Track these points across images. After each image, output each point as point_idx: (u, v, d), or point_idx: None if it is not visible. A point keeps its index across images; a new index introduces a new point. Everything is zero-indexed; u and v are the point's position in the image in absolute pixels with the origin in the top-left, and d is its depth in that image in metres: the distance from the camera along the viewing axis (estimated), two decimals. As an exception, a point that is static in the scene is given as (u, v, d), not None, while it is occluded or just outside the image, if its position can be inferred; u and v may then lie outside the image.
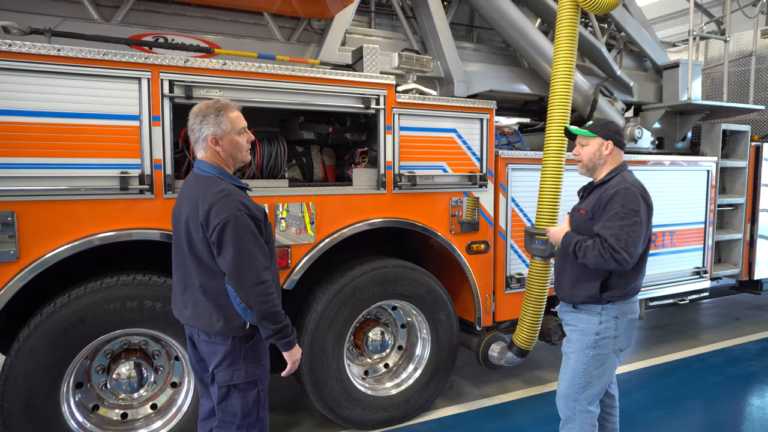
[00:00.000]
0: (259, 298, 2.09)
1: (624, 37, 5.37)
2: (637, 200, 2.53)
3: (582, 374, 2.68)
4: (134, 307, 2.82)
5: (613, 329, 2.63)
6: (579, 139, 2.78)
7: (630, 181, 2.61)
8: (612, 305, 2.63)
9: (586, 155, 2.73)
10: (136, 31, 3.48)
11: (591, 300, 2.63)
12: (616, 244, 2.44)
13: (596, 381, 2.69)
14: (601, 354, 2.65)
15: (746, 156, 5.37)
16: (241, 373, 2.23)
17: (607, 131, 2.70)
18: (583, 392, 2.69)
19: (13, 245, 2.55)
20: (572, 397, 2.71)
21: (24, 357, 2.61)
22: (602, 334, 2.64)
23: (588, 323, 2.67)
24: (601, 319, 2.63)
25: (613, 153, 2.70)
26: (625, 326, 2.66)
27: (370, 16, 4.35)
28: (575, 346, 2.71)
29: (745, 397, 4.25)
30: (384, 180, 3.46)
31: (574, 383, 2.70)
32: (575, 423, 2.72)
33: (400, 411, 3.67)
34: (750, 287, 5.84)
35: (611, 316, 2.63)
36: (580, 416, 2.70)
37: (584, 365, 2.67)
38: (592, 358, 2.65)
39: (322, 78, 3.23)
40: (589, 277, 2.62)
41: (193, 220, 2.14)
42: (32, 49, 2.52)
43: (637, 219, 2.50)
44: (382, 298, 3.55)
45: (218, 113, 2.20)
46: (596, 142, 2.70)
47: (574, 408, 2.71)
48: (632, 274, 2.62)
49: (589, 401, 2.70)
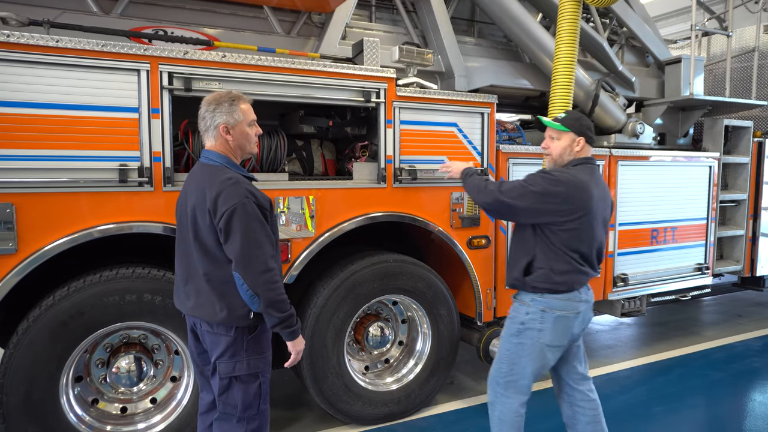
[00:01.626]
0: (266, 286, 2.09)
1: (626, 33, 5.34)
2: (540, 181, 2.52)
3: (505, 360, 2.68)
4: (133, 300, 2.81)
5: (538, 321, 2.59)
6: (550, 131, 2.70)
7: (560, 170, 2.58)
8: (541, 297, 2.59)
9: (556, 150, 2.66)
10: (136, 23, 3.46)
11: (518, 283, 2.65)
12: (498, 185, 2.56)
13: (519, 371, 2.65)
14: (524, 344, 2.62)
15: (749, 152, 5.35)
16: (243, 364, 2.22)
17: (580, 126, 2.63)
18: (505, 378, 2.67)
19: (11, 238, 2.54)
20: (496, 381, 2.72)
21: (23, 350, 2.60)
22: (527, 324, 2.62)
23: (516, 311, 2.68)
24: (528, 309, 2.63)
25: (583, 149, 2.64)
26: (552, 322, 2.59)
27: (371, 10, 4.33)
28: (504, 331, 2.74)
29: (748, 394, 4.24)
30: (384, 174, 3.44)
31: (498, 368, 2.72)
32: (497, 407, 2.71)
33: (400, 406, 3.66)
34: (752, 284, 5.83)
35: (538, 308, 2.60)
36: (501, 401, 2.68)
37: (507, 351, 2.68)
38: (515, 346, 2.65)
39: (323, 71, 3.22)
40: (517, 259, 2.66)
41: (200, 208, 2.14)
42: (31, 40, 2.51)
43: (533, 189, 2.51)
44: (382, 293, 3.54)
45: (232, 102, 2.22)
46: (568, 137, 2.63)
47: (496, 392, 2.71)
48: (559, 261, 2.56)
49: (510, 388, 2.67)
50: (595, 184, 2.61)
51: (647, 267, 4.75)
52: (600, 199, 2.62)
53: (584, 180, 2.56)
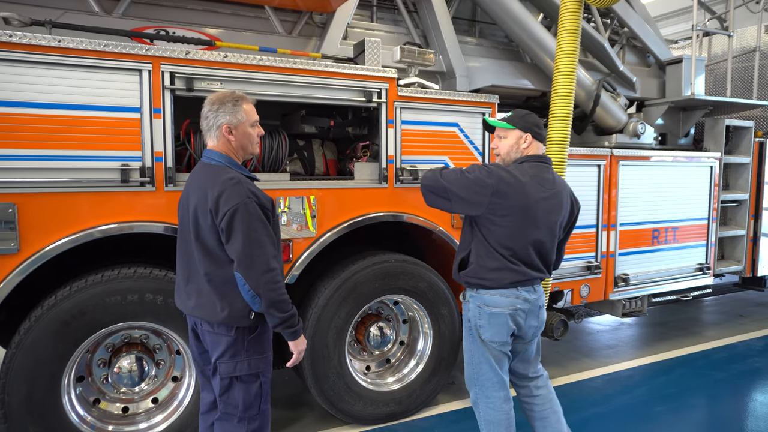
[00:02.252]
0: (268, 286, 2.09)
1: (627, 33, 5.34)
2: (476, 169, 2.55)
3: (470, 360, 2.72)
4: (135, 300, 2.81)
5: (477, 318, 2.64)
6: (497, 131, 2.71)
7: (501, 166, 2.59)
8: (476, 293, 2.64)
9: (503, 148, 2.67)
10: (137, 23, 3.47)
11: (456, 277, 2.72)
12: (439, 170, 2.61)
13: (483, 365, 2.66)
14: (475, 340, 2.67)
15: (750, 152, 5.35)
16: (244, 364, 2.22)
17: (525, 123, 2.62)
18: (476, 376, 2.70)
19: (13, 237, 2.54)
20: (473, 381, 2.73)
21: (25, 350, 2.61)
22: (472, 321, 2.66)
23: (465, 309, 2.73)
24: (469, 306, 2.68)
25: (531, 146, 2.63)
26: (488, 318, 2.60)
27: (372, 10, 4.33)
28: (463, 331, 2.78)
29: (749, 394, 4.23)
30: (386, 174, 3.44)
31: (470, 369, 2.74)
32: (480, 407, 2.73)
33: (401, 406, 3.66)
34: (753, 284, 5.83)
35: (476, 304, 2.64)
36: (482, 401, 2.71)
37: (469, 351, 2.72)
38: (471, 344, 2.69)
39: (324, 71, 3.22)
40: (457, 253, 2.73)
41: (202, 208, 2.14)
42: (33, 41, 2.51)
43: (470, 176, 2.53)
44: (383, 293, 3.54)
45: (236, 103, 2.22)
46: (515, 135, 2.63)
47: (476, 392, 2.73)
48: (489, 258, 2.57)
49: (486, 387, 2.67)
50: (538, 184, 2.55)
51: (648, 267, 4.75)
52: (543, 200, 2.55)
53: (521, 179, 2.51)
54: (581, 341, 5.53)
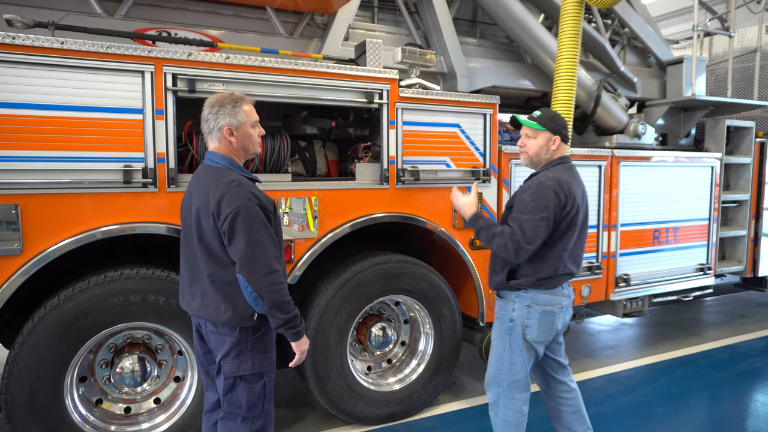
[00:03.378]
0: (270, 287, 2.10)
1: (628, 33, 5.34)
2: (550, 196, 2.51)
3: (503, 360, 2.69)
4: (138, 301, 2.82)
5: (525, 318, 2.62)
6: (526, 130, 2.72)
7: (550, 176, 2.58)
8: (525, 293, 2.62)
9: (532, 148, 2.69)
10: (140, 25, 3.48)
11: (502, 286, 2.68)
12: (521, 238, 2.46)
13: (517, 367, 2.68)
14: (515, 341, 2.66)
15: (751, 152, 5.35)
16: (248, 364, 2.23)
17: (555, 125, 2.66)
18: (504, 377, 2.69)
19: (16, 238, 2.55)
20: (497, 382, 2.73)
21: (28, 350, 2.62)
22: (516, 321, 2.65)
23: (504, 309, 2.70)
24: (514, 306, 2.65)
25: (559, 148, 2.69)
26: (538, 317, 2.62)
27: (373, 11, 4.34)
28: (496, 332, 2.76)
29: (750, 394, 4.23)
30: (387, 175, 3.45)
31: (497, 369, 2.73)
32: (500, 408, 2.72)
33: (403, 406, 3.67)
34: (754, 284, 5.83)
35: (524, 304, 2.63)
36: (504, 401, 2.70)
37: (502, 351, 2.69)
38: (508, 345, 2.67)
39: (325, 72, 3.23)
40: (503, 264, 2.66)
41: (204, 210, 2.15)
42: (36, 42, 2.52)
43: (544, 215, 2.49)
44: (385, 294, 3.54)
45: (235, 104, 2.23)
46: (544, 136, 2.66)
47: (498, 393, 2.72)
48: (548, 266, 2.59)
49: (511, 387, 2.69)
50: (576, 183, 2.65)
51: (649, 267, 4.75)
52: (582, 197, 2.68)
53: (569, 180, 2.60)
54: (582, 341, 5.54)
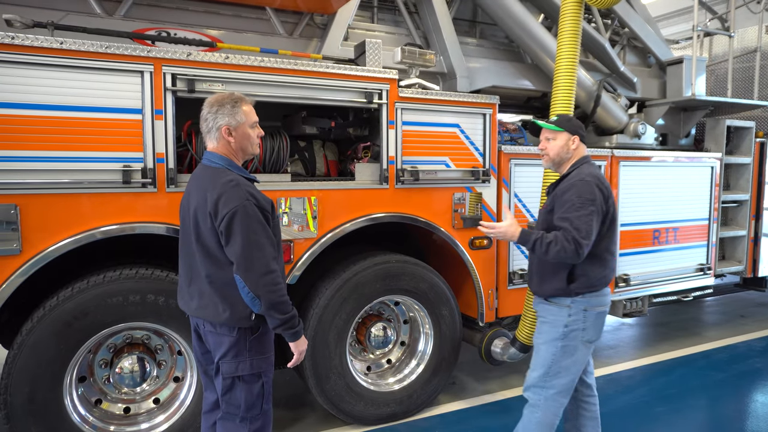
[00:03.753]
0: (267, 288, 2.10)
1: (628, 33, 5.34)
2: (593, 191, 2.56)
3: (551, 364, 2.70)
4: (137, 301, 2.82)
5: (581, 321, 2.65)
6: (546, 133, 2.78)
7: (586, 173, 2.63)
8: (581, 298, 2.64)
9: (553, 149, 2.74)
10: (139, 25, 3.47)
11: (560, 292, 2.66)
12: (578, 235, 2.47)
13: (566, 372, 2.69)
14: (569, 345, 2.66)
15: (751, 152, 5.35)
16: (246, 364, 2.23)
17: (572, 126, 2.74)
18: (551, 381, 2.70)
19: (15, 238, 2.55)
20: (541, 386, 2.73)
21: (27, 350, 2.62)
22: (571, 326, 2.65)
23: (557, 315, 2.69)
24: (570, 311, 2.65)
25: (579, 147, 2.75)
26: (594, 319, 2.66)
27: (373, 11, 4.33)
28: (545, 337, 2.74)
29: (750, 394, 4.23)
30: (386, 175, 3.45)
31: (545, 372, 2.72)
32: (539, 409, 2.72)
33: (402, 406, 3.66)
34: (754, 284, 5.82)
35: (580, 308, 2.64)
36: (546, 404, 2.71)
37: (553, 355, 2.69)
38: (561, 349, 2.67)
39: (325, 72, 3.23)
40: (556, 270, 2.66)
41: (202, 210, 2.15)
42: (35, 42, 2.52)
43: (593, 209, 2.53)
44: (384, 294, 3.54)
45: (234, 104, 2.23)
46: (563, 137, 2.72)
47: (541, 395, 2.72)
48: (597, 265, 2.63)
49: (559, 390, 2.70)
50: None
51: (649, 267, 4.75)
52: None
53: (602, 176, 2.68)
54: (582, 341, 5.53)
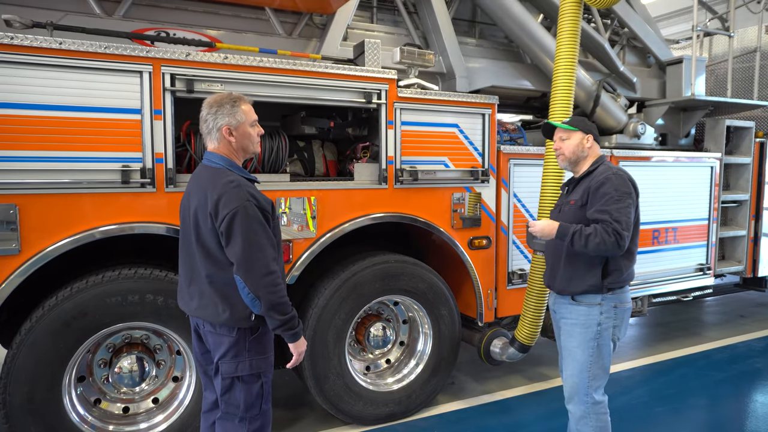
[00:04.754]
0: (267, 289, 2.10)
1: (627, 33, 5.34)
2: (628, 184, 2.62)
3: (590, 367, 2.69)
4: (136, 301, 2.82)
5: (613, 319, 2.67)
6: (560, 133, 2.80)
7: (614, 168, 2.69)
8: (611, 294, 2.65)
9: (568, 148, 2.76)
10: (138, 25, 3.48)
11: (593, 289, 2.64)
12: (618, 227, 2.49)
13: (603, 372, 2.72)
14: (602, 344, 2.67)
15: (750, 152, 5.34)
16: (246, 365, 2.23)
17: (585, 125, 2.78)
18: (594, 383, 2.70)
19: (14, 238, 2.55)
20: (584, 391, 2.70)
21: (26, 350, 2.62)
22: (603, 324, 2.65)
23: (588, 315, 2.67)
24: (601, 309, 2.65)
25: (593, 146, 2.78)
26: (623, 316, 2.70)
27: (372, 11, 4.34)
28: (579, 339, 2.70)
29: (750, 394, 4.23)
30: (385, 175, 3.45)
31: (585, 377, 2.70)
32: (591, 418, 2.70)
33: (401, 406, 3.67)
34: (754, 284, 5.82)
35: (611, 306, 2.65)
36: (594, 408, 2.70)
37: (590, 357, 2.68)
38: (596, 349, 2.67)
39: (324, 72, 3.23)
40: (590, 265, 2.63)
41: (202, 211, 2.15)
42: (34, 43, 2.53)
43: (630, 201, 2.58)
44: (383, 293, 3.55)
45: (234, 104, 2.23)
46: (578, 136, 2.74)
47: (587, 402, 2.70)
48: (628, 260, 2.68)
49: (597, 391, 2.72)
50: None
51: (649, 267, 4.74)
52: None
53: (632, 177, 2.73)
54: (582, 341, 5.53)
